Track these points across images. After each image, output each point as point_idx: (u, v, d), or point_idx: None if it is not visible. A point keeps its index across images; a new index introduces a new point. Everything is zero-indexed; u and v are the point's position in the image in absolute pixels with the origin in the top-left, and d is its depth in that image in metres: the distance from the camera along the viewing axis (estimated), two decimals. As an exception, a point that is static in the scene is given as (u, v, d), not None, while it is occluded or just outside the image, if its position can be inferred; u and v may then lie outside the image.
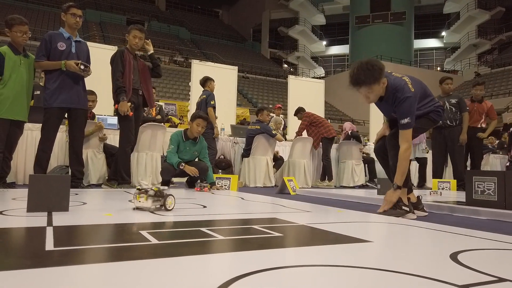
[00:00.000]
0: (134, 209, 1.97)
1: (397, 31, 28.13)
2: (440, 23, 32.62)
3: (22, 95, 3.51)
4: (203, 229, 1.45)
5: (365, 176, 6.77)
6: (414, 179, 6.44)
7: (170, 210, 1.97)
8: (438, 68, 31.73)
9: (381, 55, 24.64)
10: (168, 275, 0.82)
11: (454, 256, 1.09)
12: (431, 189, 5.10)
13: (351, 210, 2.38)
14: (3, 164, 3.45)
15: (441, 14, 31.40)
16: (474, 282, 0.84)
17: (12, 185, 3.63)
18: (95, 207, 2.06)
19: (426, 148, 6.10)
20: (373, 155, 7.25)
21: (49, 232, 1.27)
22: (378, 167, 7.19)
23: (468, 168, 5.72)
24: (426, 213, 2.51)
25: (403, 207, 2.33)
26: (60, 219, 1.55)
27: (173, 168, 4.09)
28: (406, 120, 2.29)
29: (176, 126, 9.20)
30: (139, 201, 1.92)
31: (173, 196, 2.01)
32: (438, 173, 5.57)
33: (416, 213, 2.44)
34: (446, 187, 5.00)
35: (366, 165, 6.81)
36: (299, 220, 1.78)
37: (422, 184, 6.12)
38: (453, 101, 5.46)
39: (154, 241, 1.18)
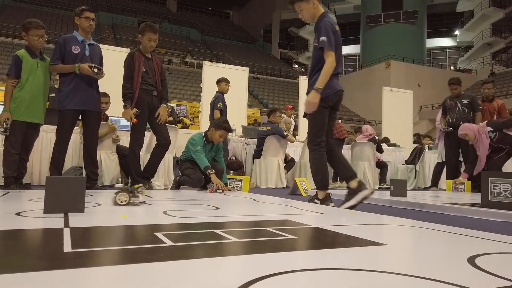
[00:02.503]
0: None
1: (409, 30, 27.86)
2: (453, 22, 32.20)
3: (39, 98, 3.58)
4: (217, 231, 1.45)
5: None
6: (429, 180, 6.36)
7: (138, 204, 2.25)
8: (452, 68, 31.31)
9: (393, 54, 24.44)
10: (184, 277, 0.83)
11: (471, 260, 1.08)
12: (444, 190, 5.04)
13: (364, 212, 2.36)
14: (19, 165, 3.52)
15: (454, 12, 30.97)
16: (493, 287, 0.82)
17: (28, 186, 3.69)
18: (110, 209, 2.08)
19: None
20: (387, 159, 7.23)
21: (66, 233, 1.29)
22: (389, 172, 7.14)
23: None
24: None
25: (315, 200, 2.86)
26: (77, 220, 1.57)
27: (202, 178, 4.11)
28: (322, 38, 2.73)
29: (187, 127, 9.26)
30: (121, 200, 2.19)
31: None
32: (452, 174, 5.49)
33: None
34: (461, 188, 4.93)
35: (379, 169, 6.77)
36: (312, 222, 1.78)
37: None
38: (465, 101, 5.39)
39: (169, 243, 1.19)
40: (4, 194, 2.79)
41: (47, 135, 4.77)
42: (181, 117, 10.57)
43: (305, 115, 3.10)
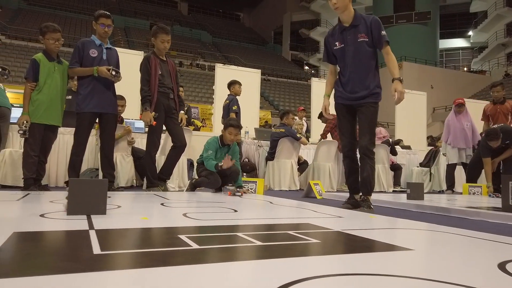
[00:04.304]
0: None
1: (422, 31, 27.58)
2: (466, 22, 31.79)
3: (56, 101, 3.64)
4: (240, 234, 1.46)
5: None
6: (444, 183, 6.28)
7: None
8: (465, 69, 30.88)
9: (405, 55, 24.19)
10: (216, 281, 0.83)
11: (502, 266, 1.06)
12: (461, 193, 4.97)
13: (383, 216, 2.35)
14: (38, 167, 3.58)
15: (468, 13, 30.58)
16: (530, 295, 0.81)
17: (47, 187, 3.75)
18: (130, 210, 2.10)
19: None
20: (401, 161, 7.16)
21: (93, 235, 1.31)
22: (403, 175, 7.06)
23: None
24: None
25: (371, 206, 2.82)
26: (100, 222, 1.59)
27: (219, 179, 4.13)
28: (385, 33, 2.82)
29: (198, 129, 9.30)
30: None
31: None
32: (474, 178, 5.39)
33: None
34: (478, 192, 4.86)
35: (393, 171, 6.71)
36: (333, 226, 1.77)
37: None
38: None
39: (194, 246, 1.19)
40: (24, 196, 2.84)
41: (64, 137, 4.84)
42: (192, 119, 10.63)
43: (320, 116, 3.21)
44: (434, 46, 28.62)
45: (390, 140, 6.80)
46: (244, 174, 6.02)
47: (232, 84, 5.99)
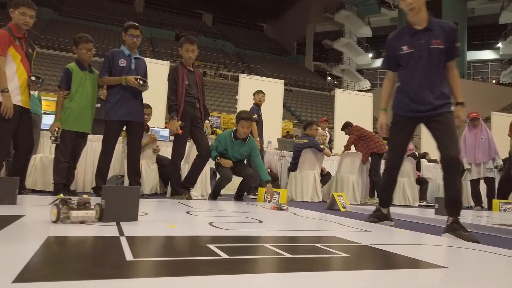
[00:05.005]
0: (54, 221, 1.66)
1: (449, 42, 26.97)
2: (495, 34, 30.98)
3: (87, 109, 3.75)
4: (268, 246, 1.45)
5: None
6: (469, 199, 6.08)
7: (98, 221, 1.73)
8: (494, 81, 30.03)
9: (431, 67, 23.72)
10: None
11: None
12: (488, 209, 4.80)
13: (411, 231, 2.29)
14: (68, 173, 3.68)
15: (497, 24, 29.80)
16: None
17: (75, 193, 3.84)
18: (157, 218, 2.13)
19: (494, 167, 5.63)
20: (427, 175, 6.99)
21: (124, 242, 1.33)
22: (430, 189, 6.88)
23: None
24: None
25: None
26: (130, 229, 1.62)
27: (229, 175, 4.18)
28: (459, 45, 2.54)
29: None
30: (65, 213, 1.65)
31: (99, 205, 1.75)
32: (505, 194, 5.20)
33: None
34: (509, 209, 4.68)
35: (419, 185, 6.55)
36: (361, 240, 1.74)
37: (478, 204, 5.75)
38: None
39: (224, 255, 1.19)
40: (54, 201, 2.92)
41: (91, 144, 4.96)
42: (214, 128, 10.73)
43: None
44: (461, 58, 27.98)
45: (416, 153, 6.65)
46: (266, 184, 6.01)
47: (256, 93, 6.03)
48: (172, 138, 4.85)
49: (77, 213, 1.66)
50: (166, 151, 5.34)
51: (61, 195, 1.68)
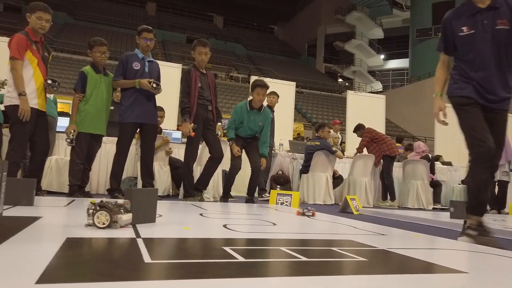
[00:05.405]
0: (87, 225, 1.66)
1: (462, 43, 26.62)
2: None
3: (102, 111, 3.79)
4: (283, 249, 1.44)
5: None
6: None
7: (123, 226, 1.68)
8: None
9: (444, 68, 23.46)
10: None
11: None
12: (507, 214, 4.71)
13: (428, 235, 2.26)
14: (83, 174, 3.72)
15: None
16: None
17: (89, 194, 3.89)
18: (171, 220, 2.14)
19: (510, 170, 5.53)
20: (441, 178, 6.89)
21: (141, 243, 1.34)
22: (443, 192, 6.77)
23: None
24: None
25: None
26: (146, 231, 1.63)
27: (238, 165, 4.25)
28: None
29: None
30: (98, 218, 1.63)
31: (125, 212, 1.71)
32: None
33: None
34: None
35: (432, 188, 6.47)
36: (377, 244, 1.72)
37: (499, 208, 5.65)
38: None
39: (240, 258, 1.19)
40: (70, 202, 2.96)
41: (105, 146, 5.02)
42: (225, 130, 10.78)
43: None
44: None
45: (430, 155, 6.57)
46: (278, 186, 6.00)
47: (267, 95, 6.02)
48: (184, 140, 4.89)
49: (127, 217, 1.66)
50: (178, 153, 5.37)
51: (94, 200, 1.66)
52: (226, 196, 4.36)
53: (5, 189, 1.72)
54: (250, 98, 4.32)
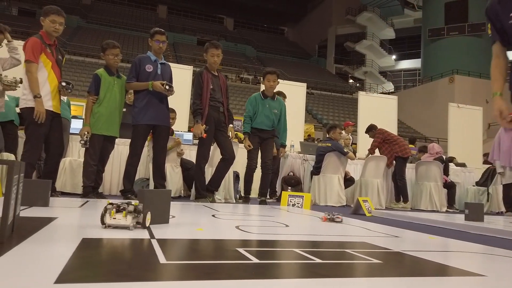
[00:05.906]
0: (105, 227, 1.65)
1: (475, 43, 26.27)
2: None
3: (115, 113, 3.84)
4: (296, 250, 1.44)
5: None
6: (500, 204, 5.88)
7: (146, 227, 1.70)
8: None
9: (457, 69, 23.20)
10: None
11: None
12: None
13: (444, 237, 2.23)
14: (96, 176, 3.77)
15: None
16: None
17: (102, 195, 3.93)
18: (184, 221, 2.15)
19: None
20: (455, 179, 6.80)
21: (155, 244, 1.35)
22: (457, 194, 6.68)
23: None
24: None
25: None
26: (160, 232, 1.64)
27: (253, 166, 4.37)
28: None
29: (242, 142, 9.42)
30: (115, 218, 1.62)
31: (149, 212, 1.72)
32: None
33: None
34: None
35: (446, 190, 6.38)
36: (392, 246, 1.70)
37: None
38: None
39: (255, 260, 1.19)
40: (84, 203, 3.00)
41: (118, 147, 5.07)
42: (236, 131, 10.79)
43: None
44: (488, 59, 26.69)
45: (444, 157, 6.48)
46: (289, 188, 5.98)
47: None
48: (195, 141, 4.92)
49: (148, 218, 1.69)
50: (190, 154, 5.40)
51: (109, 201, 1.67)
52: (247, 197, 4.44)
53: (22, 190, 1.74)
54: (263, 89, 4.40)
